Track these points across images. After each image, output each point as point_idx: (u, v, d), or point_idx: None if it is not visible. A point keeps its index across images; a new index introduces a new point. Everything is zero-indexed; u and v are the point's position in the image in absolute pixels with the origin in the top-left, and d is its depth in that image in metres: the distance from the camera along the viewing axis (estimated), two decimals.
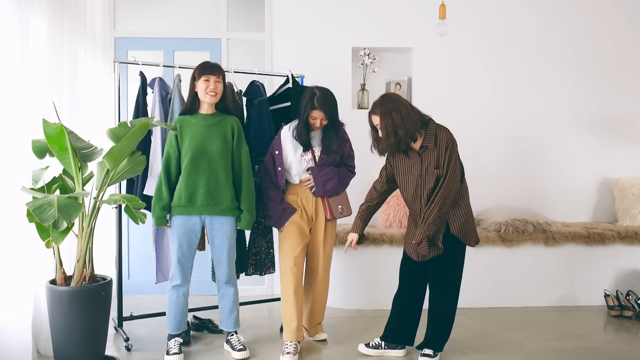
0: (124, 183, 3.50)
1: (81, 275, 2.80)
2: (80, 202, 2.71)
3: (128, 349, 3.26)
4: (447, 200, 2.94)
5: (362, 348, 3.26)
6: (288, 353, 3.14)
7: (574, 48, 4.79)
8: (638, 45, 4.84)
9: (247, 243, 3.71)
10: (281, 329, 3.53)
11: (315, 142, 3.27)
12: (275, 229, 3.53)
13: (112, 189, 3.49)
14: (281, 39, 4.58)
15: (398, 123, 2.92)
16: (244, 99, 3.66)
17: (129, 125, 2.91)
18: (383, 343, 3.23)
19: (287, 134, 3.26)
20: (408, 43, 4.70)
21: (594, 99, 4.81)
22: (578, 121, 4.81)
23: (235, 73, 3.64)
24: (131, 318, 3.52)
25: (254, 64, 4.40)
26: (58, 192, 2.88)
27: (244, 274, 3.69)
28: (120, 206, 3.39)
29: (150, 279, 3.45)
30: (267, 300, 4.11)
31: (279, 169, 3.23)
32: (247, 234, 3.72)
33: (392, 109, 2.94)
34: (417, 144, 3.01)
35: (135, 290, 4.37)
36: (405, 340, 3.21)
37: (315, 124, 3.20)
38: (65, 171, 2.89)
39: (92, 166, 3.00)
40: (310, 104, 3.16)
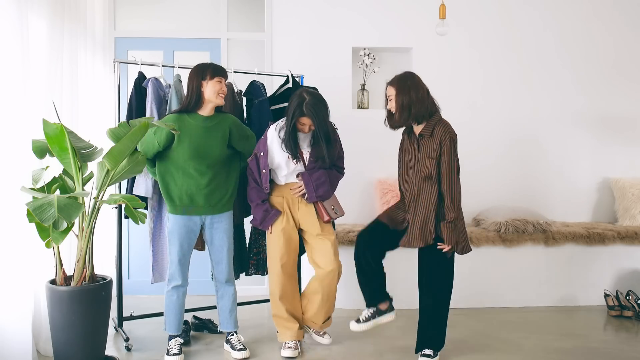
0: (124, 183, 3.50)
1: (81, 275, 2.80)
2: (80, 202, 2.71)
3: (128, 349, 3.27)
4: (454, 185, 2.95)
5: (355, 326, 3.15)
6: (289, 347, 3.16)
7: (574, 48, 4.79)
8: (638, 45, 4.84)
9: (248, 243, 3.72)
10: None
11: (305, 145, 3.16)
12: None
13: (112, 189, 3.49)
14: (281, 38, 4.58)
15: (413, 101, 2.97)
16: (244, 99, 3.66)
17: (129, 125, 2.90)
18: (372, 311, 3.15)
19: (274, 135, 3.13)
20: (408, 43, 4.70)
21: (594, 99, 4.81)
22: (578, 121, 4.81)
23: (235, 73, 3.64)
24: (131, 318, 3.53)
25: (254, 64, 4.40)
26: (58, 192, 2.88)
27: (244, 273, 3.70)
28: (120, 206, 3.39)
29: (150, 279, 3.45)
30: (267, 300, 4.09)
31: (263, 171, 3.11)
32: (248, 234, 3.72)
33: (411, 86, 2.99)
34: (418, 130, 3.05)
35: (135, 290, 4.37)
36: (386, 296, 3.18)
37: (304, 129, 3.09)
38: (65, 171, 2.89)
39: (92, 166, 3.00)
40: (299, 111, 3.01)
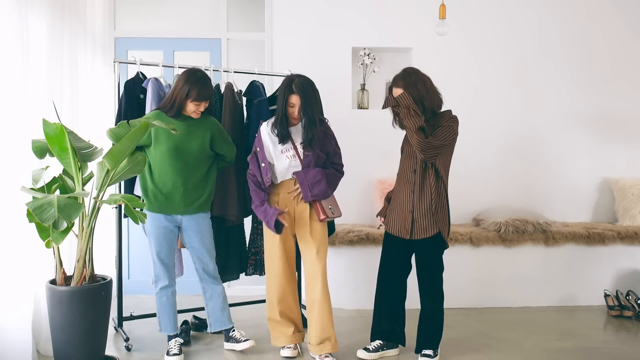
0: (122, 183, 3.50)
1: (81, 275, 2.80)
2: (80, 202, 2.71)
3: (128, 349, 3.27)
4: (432, 143, 2.88)
5: (363, 354, 3.17)
6: (288, 347, 3.17)
7: (574, 48, 4.79)
8: (638, 46, 4.84)
9: (247, 243, 3.71)
10: None
11: (297, 138, 3.11)
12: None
13: (112, 189, 3.49)
14: (281, 38, 4.57)
15: (423, 94, 2.93)
16: (244, 99, 3.66)
17: (129, 125, 2.90)
18: (380, 343, 3.20)
19: (266, 129, 3.13)
20: (408, 43, 4.70)
21: (594, 99, 4.81)
22: (578, 121, 4.80)
23: (235, 73, 3.64)
24: (131, 318, 3.53)
25: (254, 63, 4.39)
26: (58, 192, 2.88)
27: (243, 274, 3.69)
28: (120, 206, 3.39)
29: (150, 279, 3.45)
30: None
31: (262, 165, 3.09)
32: (248, 234, 3.72)
33: (417, 80, 2.95)
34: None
35: (135, 290, 4.36)
36: (400, 339, 3.22)
37: (294, 112, 3.04)
38: (65, 171, 2.89)
39: (92, 166, 3.00)
40: (288, 89, 3.00)
